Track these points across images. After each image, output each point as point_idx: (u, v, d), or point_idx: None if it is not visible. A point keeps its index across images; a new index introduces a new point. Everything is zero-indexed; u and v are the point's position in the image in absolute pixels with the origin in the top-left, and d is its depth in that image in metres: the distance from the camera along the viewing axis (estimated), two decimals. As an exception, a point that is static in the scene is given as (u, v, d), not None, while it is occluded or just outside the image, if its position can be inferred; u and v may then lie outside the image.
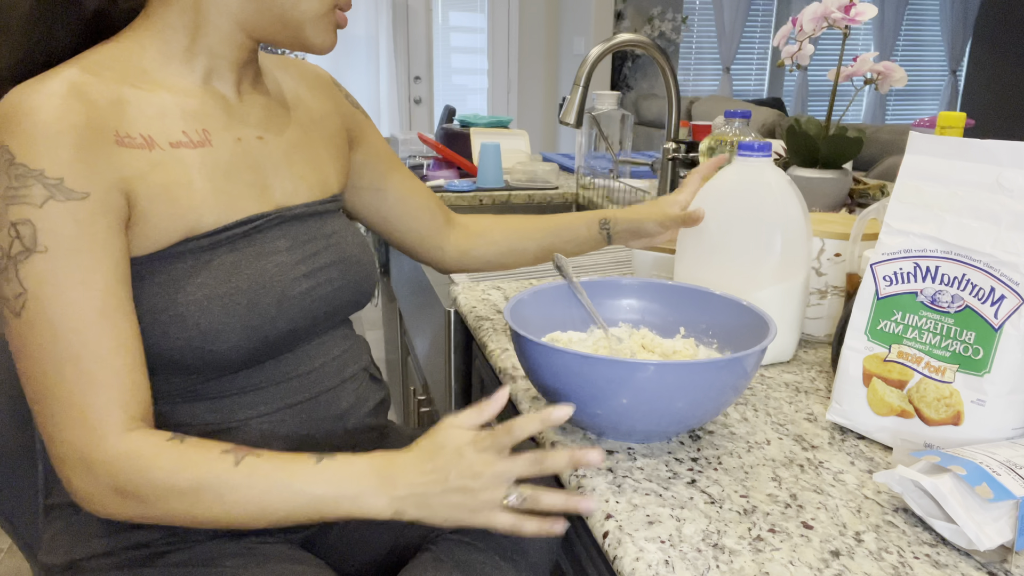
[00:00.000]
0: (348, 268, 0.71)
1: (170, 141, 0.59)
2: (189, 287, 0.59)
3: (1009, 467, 0.50)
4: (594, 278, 0.79)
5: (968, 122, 0.87)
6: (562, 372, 0.60)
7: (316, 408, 0.68)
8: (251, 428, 0.64)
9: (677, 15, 4.93)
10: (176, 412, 0.63)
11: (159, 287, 0.59)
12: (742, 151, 0.79)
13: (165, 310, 0.59)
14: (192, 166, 0.60)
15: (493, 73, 4.92)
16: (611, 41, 1.42)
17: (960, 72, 6.22)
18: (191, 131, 0.61)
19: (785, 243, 0.77)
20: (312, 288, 0.66)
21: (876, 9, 1.10)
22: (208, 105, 0.63)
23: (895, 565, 0.48)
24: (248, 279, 0.61)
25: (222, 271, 0.60)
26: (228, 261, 0.61)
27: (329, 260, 0.69)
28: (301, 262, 0.66)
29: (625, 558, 0.49)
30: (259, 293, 0.62)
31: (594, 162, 1.78)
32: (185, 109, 0.61)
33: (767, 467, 0.60)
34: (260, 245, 0.63)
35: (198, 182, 0.60)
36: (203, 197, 0.60)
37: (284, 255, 0.65)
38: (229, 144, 0.63)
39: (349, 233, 0.73)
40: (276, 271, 0.63)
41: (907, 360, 0.62)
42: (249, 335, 0.61)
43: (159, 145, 0.58)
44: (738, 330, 0.70)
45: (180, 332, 0.59)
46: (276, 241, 0.65)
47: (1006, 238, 0.56)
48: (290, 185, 0.68)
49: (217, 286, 0.60)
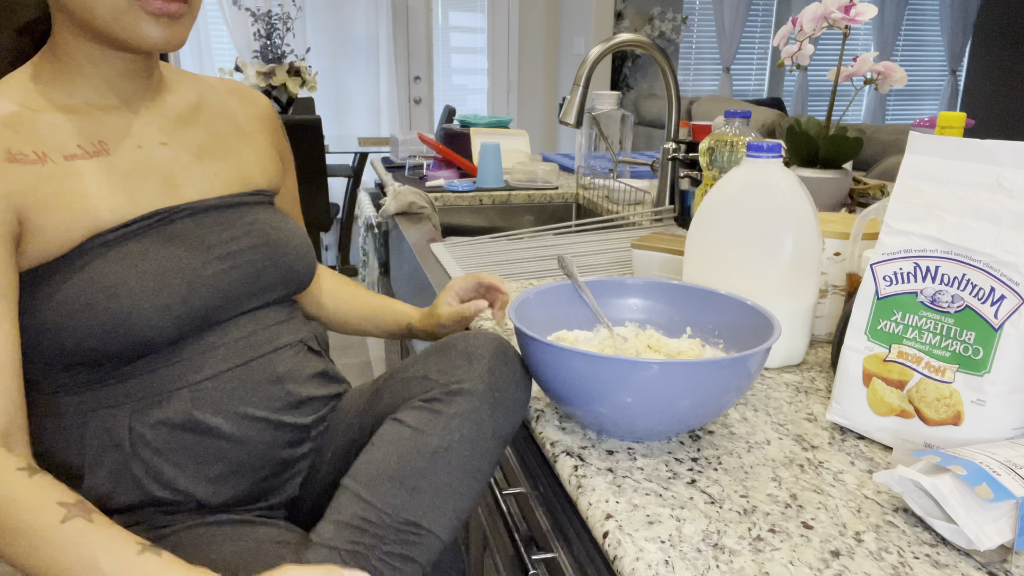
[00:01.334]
0: (273, 251, 0.74)
1: (64, 155, 0.64)
2: (98, 276, 0.62)
3: (1009, 467, 0.50)
4: (599, 278, 0.79)
5: (968, 122, 0.87)
6: (566, 371, 0.60)
7: (249, 372, 0.70)
8: (181, 397, 0.67)
9: (677, 15, 4.93)
10: (104, 396, 0.65)
11: (68, 282, 0.62)
12: (751, 152, 0.78)
13: (76, 300, 0.62)
14: (86, 174, 0.64)
15: (493, 73, 4.92)
16: (611, 41, 1.42)
17: (960, 72, 6.22)
18: (86, 144, 0.65)
19: (796, 246, 0.76)
20: (228, 269, 0.70)
21: (876, 9, 1.10)
22: (104, 120, 0.68)
23: (895, 565, 0.48)
24: (155, 263, 0.65)
25: (129, 258, 0.64)
26: (135, 250, 0.65)
27: (249, 244, 0.73)
28: (215, 246, 0.70)
29: (625, 558, 0.49)
30: (168, 275, 0.65)
31: (594, 162, 1.78)
32: (81, 125, 0.66)
33: (767, 467, 0.60)
34: (168, 234, 0.67)
35: (93, 188, 0.64)
36: (100, 199, 0.64)
37: (194, 240, 0.69)
38: (129, 151, 0.68)
39: (276, 220, 0.77)
40: (185, 254, 0.67)
41: (907, 360, 0.62)
42: (161, 314, 0.64)
43: (52, 159, 0.63)
44: (744, 330, 0.70)
45: (93, 319, 0.62)
46: (187, 229, 0.69)
47: (1006, 238, 0.56)
48: (204, 183, 0.73)
49: (123, 272, 0.63)
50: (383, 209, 1.59)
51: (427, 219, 1.55)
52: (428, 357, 0.70)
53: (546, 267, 1.17)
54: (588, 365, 0.58)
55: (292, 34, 4.24)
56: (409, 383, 0.69)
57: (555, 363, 0.61)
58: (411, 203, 1.56)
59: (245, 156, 0.79)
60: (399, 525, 0.62)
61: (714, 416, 0.62)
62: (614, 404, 0.59)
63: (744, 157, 0.79)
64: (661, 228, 1.46)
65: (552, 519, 0.73)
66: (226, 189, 0.74)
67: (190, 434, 0.67)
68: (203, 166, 0.73)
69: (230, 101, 0.82)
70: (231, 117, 0.80)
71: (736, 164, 1.10)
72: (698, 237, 0.83)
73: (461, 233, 1.80)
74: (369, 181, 4.37)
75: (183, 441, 0.67)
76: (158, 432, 0.66)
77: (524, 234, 1.40)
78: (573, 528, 0.68)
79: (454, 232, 1.80)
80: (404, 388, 0.70)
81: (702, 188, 1.25)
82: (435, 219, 1.56)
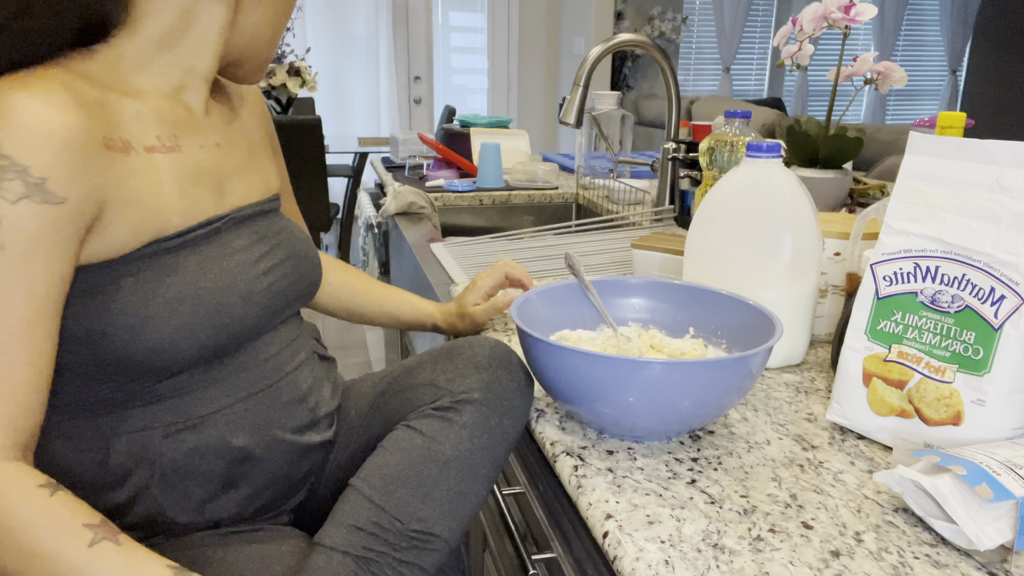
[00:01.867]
0: (299, 263, 0.73)
1: (145, 145, 0.60)
2: (160, 289, 0.59)
3: (1009, 467, 0.50)
4: (603, 277, 0.79)
5: (968, 122, 0.87)
6: (569, 370, 0.60)
7: (279, 393, 0.69)
8: (215, 421, 0.64)
9: (677, 15, 4.93)
10: (133, 417, 0.61)
11: (128, 291, 0.58)
12: (751, 152, 0.78)
13: (135, 313, 0.58)
14: (163, 171, 0.61)
15: (493, 73, 4.92)
16: (611, 41, 1.42)
17: (960, 72, 6.22)
18: (164, 136, 0.62)
19: (796, 245, 0.76)
20: (272, 284, 0.68)
21: (876, 9, 1.10)
22: (178, 113, 0.64)
23: (895, 565, 0.48)
24: (214, 279, 0.62)
25: (188, 272, 0.61)
26: (193, 262, 0.62)
27: (282, 256, 0.71)
28: (260, 260, 0.68)
29: (625, 558, 0.49)
30: (225, 292, 0.63)
31: (594, 162, 1.78)
32: (159, 115, 0.62)
33: (767, 467, 0.60)
34: (221, 246, 0.65)
35: (167, 186, 0.61)
36: (171, 201, 0.61)
37: (243, 254, 0.66)
38: (195, 151, 0.65)
39: (295, 229, 0.76)
40: (239, 270, 0.65)
41: (907, 360, 0.62)
42: (217, 332, 0.62)
43: (135, 149, 0.59)
44: (747, 330, 0.70)
45: (151, 333, 0.58)
46: (234, 241, 0.66)
47: (1006, 238, 0.56)
48: (242, 188, 0.70)
49: (185, 287, 0.60)
50: (383, 209, 1.59)
51: (427, 219, 1.55)
52: (435, 364, 0.72)
53: (546, 267, 1.17)
54: (591, 365, 0.59)
55: (292, 34, 4.24)
56: (417, 390, 0.70)
57: (558, 363, 0.61)
58: (411, 203, 1.56)
59: (261, 157, 0.76)
60: (411, 532, 0.62)
61: (716, 416, 0.62)
62: (616, 403, 0.59)
63: (744, 157, 0.79)
64: (661, 228, 1.46)
65: (552, 519, 0.73)
66: (258, 195, 0.72)
67: (222, 460, 0.64)
68: (242, 170, 0.71)
69: (247, 95, 0.79)
70: (250, 112, 0.78)
71: (736, 164, 1.10)
72: (698, 237, 0.83)
73: (461, 233, 1.80)
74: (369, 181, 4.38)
75: (214, 467, 0.64)
76: (191, 458, 0.63)
77: (524, 234, 1.40)
78: (573, 528, 0.68)
79: (454, 232, 1.80)
80: (413, 395, 0.71)
81: (702, 188, 1.25)
82: (435, 219, 1.56)
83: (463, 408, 0.67)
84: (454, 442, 0.65)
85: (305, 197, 3.47)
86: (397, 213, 1.58)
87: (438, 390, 0.69)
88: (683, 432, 0.64)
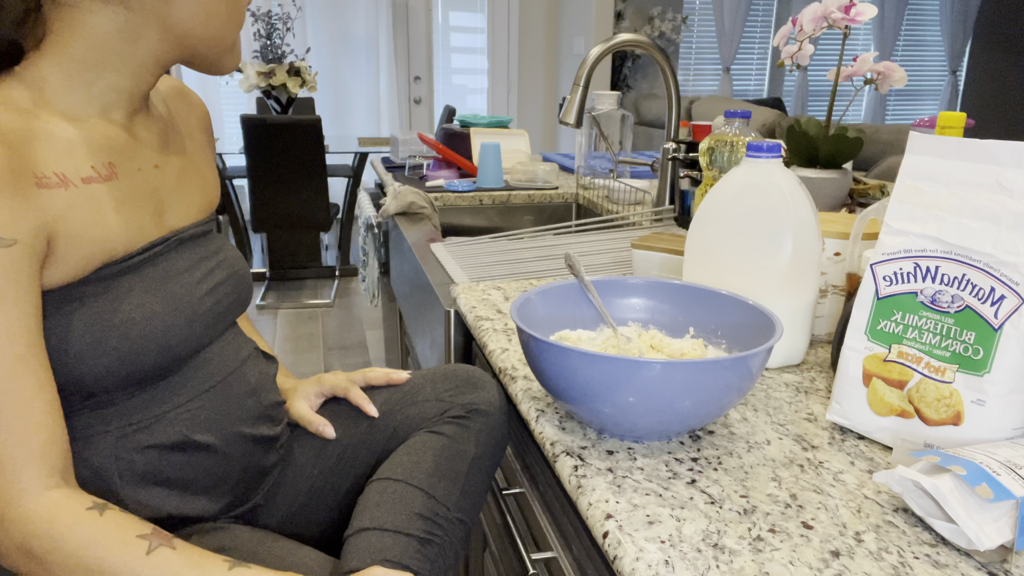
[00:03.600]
0: (238, 282, 0.75)
1: (81, 177, 0.59)
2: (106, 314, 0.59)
3: (1009, 467, 0.50)
4: (603, 277, 0.79)
5: (968, 122, 0.87)
6: (569, 370, 0.60)
7: (229, 387, 0.70)
8: (169, 419, 0.65)
9: (677, 15, 4.94)
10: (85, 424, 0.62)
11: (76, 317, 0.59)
12: (751, 152, 0.78)
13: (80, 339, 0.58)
14: (103, 200, 0.60)
15: (493, 73, 4.93)
16: (611, 41, 1.42)
17: (960, 72, 6.22)
18: (98, 165, 0.61)
19: (796, 246, 0.76)
20: (215, 304, 0.70)
21: (876, 9, 1.10)
22: (110, 137, 0.63)
23: (895, 565, 0.48)
24: (160, 302, 0.63)
25: (134, 296, 0.61)
26: (138, 287, 0.62)
27: (223, 276, 0.72)
28: (202, 280, 0.69)
29: (625, 558, 0.49)
30: (171, 315, 0.64)
31: (594, 162, 1.78)
32: (90, 142, 0.61)
33: (767, 467, 0.60)
34: (164, 269, 0.65)
35: (109, 216, 0.61)
36: (116, 230, 0.61)
37: (186, 275, 0.67)
38: (132, 175, 0.65)
39: (229, 247, 0.77)
40: (183, 291, 0.66)
41: (907, 360, 0.62)
42: (164, 353, 0.63)
43: (72, 182, 0.58)
44: (747, 330, 0.70)
45: (100, 358, 0.59)
46: (176, 263, 0.67)
47: (1006, 238, 0.56)
48: (181, 208, 0.70)
49: (132, 311, 0.61)
50: (383, 209, 1.59)
51: (427, 219, 1.55)
52: (434, 384, 0.81)
53: (546, 267, 1.17)
54: (591, 365, 0.59)
55: (292, 34, 4.24)
56: (423, 405, 0.79)
57: (558, 363, 0.61)
58: (411, 203, 1.56)
59: (206, 174, 0.76)
60: (455, 518, 0.72)
61: (716, 416, 0.62)
62: (616, 403, 0.59)
63: (744, 157, 0.79)
64: (661, 228, 1.46)
65: (552, 519, 0.73)
66: (197, 214, 0.73)
67: (180, 454, 0.66)
68: (181, 190, 0.71)
69: (181, 107, 0.77)
70: (189, 128, 0.77)
71: (736, 164, 1.10)
72: (698, 237, 0.83)
73: (461, 233, 1.80)
74: (369, 181, 4.38)
75: (173, 461, 0.65)
76: (147, 456, 0.64)
77: (524, 234, 1.40)
78: (573, 528, 0.68)
79: (454, 232, 1.80)
80: (420, 410, 0.79)
81: (702, 188, 1.25)
82: (435, 219, 1.56)
83: (475, 417, 0.77)
84: (474, 443, 0.76)
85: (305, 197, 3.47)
86: (397, 213, 1.58)
87: (444, 403, 0.78)
88: (683, 432, 0.64)
